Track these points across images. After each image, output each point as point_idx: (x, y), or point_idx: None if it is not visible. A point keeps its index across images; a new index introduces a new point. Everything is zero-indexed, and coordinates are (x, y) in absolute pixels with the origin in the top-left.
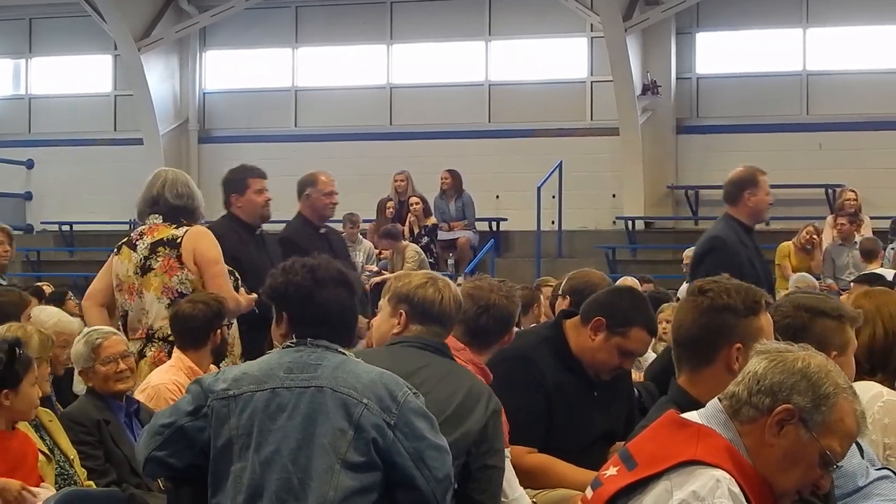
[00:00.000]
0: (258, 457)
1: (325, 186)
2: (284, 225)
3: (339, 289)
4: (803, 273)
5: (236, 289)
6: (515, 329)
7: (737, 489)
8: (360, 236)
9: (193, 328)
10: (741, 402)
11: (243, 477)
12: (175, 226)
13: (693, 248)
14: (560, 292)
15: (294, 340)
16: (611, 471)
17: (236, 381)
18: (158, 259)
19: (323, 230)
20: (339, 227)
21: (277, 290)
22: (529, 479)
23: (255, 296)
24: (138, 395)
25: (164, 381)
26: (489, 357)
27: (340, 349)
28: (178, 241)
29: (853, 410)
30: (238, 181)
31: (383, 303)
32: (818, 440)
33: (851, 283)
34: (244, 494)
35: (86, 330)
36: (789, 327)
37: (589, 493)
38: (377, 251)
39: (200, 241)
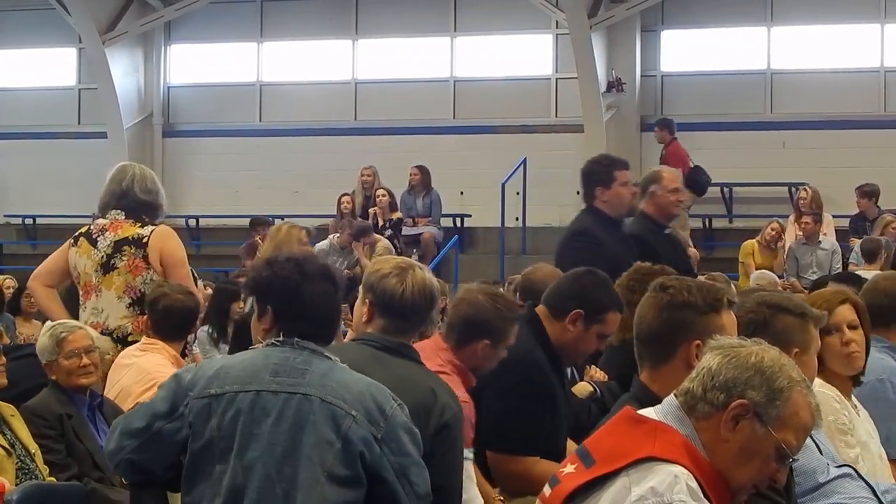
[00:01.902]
0: (240, 461)
1: (669, 183)
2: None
3: (325, 284)
4: (763, 270)
5: None
6: None
7: (695, 484)
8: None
9: (184, 319)
10: (696, 399)
11: (223, 480)
12: (139, 224)
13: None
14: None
15: (280, 339)
16: (568, 468)
17: (218, 379)
18: (123, 258)
19: (668, 230)
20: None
21: (262, 284)
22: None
23: None
24: (148, 393)
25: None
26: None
27: (327, 353)
28: (145, 240)
29: (808, 403)
30: (603, 173)
31: (361, 289)
32: (773, 434)
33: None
34: (222, 498)
35: (50, 323)
36: (751, 322)
37: (547, 491)
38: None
39: (167, 242)
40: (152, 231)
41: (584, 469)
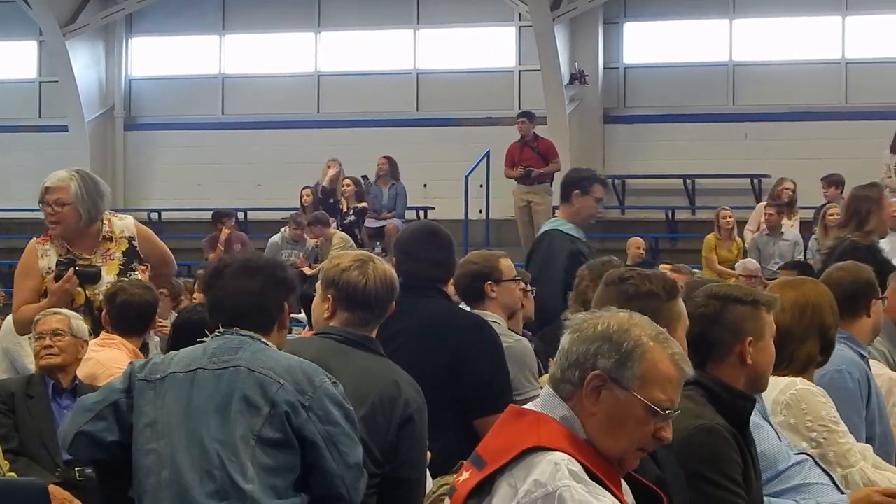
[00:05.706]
0: (180, 434)
1: None
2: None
3: (240, 278)
4: (749, 259)
5: None
6: None
7: (576, 467)
8: (305, 236)
9: (142, 313)
10: (558, 381)
11: (165, 454)
12: None
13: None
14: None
15: (221, 331)
16: (463, 476)
17: (163, 365)
18: None
19: None
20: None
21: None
22: None
23: None
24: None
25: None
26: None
27: (263, 340)
28: None
29: (667, 356)
30: None
31: (318, 286)
32: (636, 395)
33: (779, 271)
34: (168, 469)
35: None
36: (702, 316)
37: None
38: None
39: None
40: None
41: (476, 473)
